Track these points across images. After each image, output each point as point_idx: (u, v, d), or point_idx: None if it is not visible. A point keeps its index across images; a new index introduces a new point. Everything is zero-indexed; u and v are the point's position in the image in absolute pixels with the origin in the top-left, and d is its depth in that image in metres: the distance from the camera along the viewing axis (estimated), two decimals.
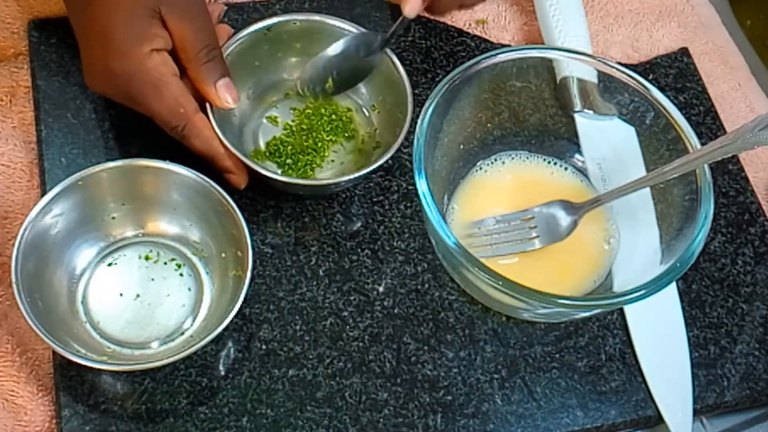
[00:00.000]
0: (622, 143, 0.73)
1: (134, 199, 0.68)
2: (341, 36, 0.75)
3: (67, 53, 0.76)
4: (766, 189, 0.81)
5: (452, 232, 0.63)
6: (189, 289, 0.68)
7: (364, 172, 0.69)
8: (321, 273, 0.71)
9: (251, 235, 0.65)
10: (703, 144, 0.66)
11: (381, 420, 0.66)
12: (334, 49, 0.75)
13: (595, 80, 0.74)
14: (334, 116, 0.76)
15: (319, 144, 0.74)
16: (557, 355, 0.70)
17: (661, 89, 0.71)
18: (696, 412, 0.69)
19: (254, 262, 0.65)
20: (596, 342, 0.71)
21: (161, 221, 0.69)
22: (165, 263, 0.68)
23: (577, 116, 0.74)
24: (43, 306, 0.63)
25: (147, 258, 0.68)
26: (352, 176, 0.69)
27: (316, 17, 0.76)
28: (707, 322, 0.73)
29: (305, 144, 0.74)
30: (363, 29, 0.75)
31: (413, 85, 0.73)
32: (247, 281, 0.64)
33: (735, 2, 0.97)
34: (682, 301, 0.73)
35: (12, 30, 0.78)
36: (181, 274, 0.68)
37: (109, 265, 0.68)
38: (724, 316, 0.73)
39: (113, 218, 0.68)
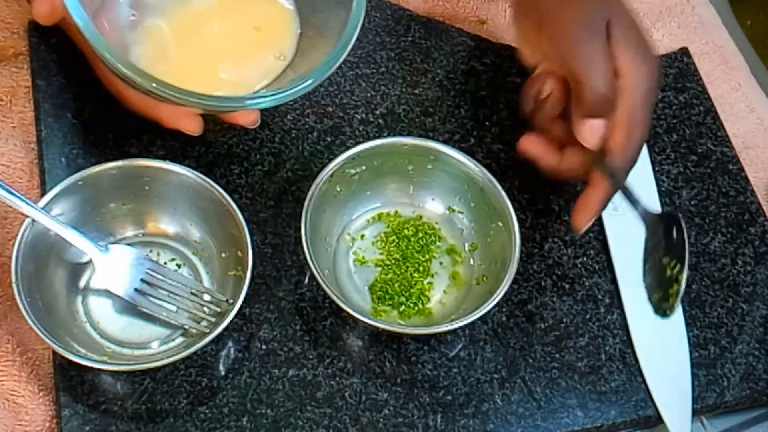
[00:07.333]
0: None
1: (134, 199, 0.68)
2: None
3: (67, 53, 0.76)
4: (766, 189, 0.81)
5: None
6: None
7: (481, 312, 0.64)
8: None
9: (251, 235, 0.65)
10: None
11: (381, 420, 0.66)
12: None
13: None
14: (420, 232, 0.72)
15: (421, 267, 0.70)
16: (557, 355, 0.70)
17: (661, 89, 0.71)
18: (696, 412, 0.69)
19: (254, 262, 0.65)
20: (596, 342, 0.71)
21: (161, 221, 0.69)
22: (165, 263, 0.68)
23: None
24: (43, 306, 0.63)
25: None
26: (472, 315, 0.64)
27: None
28: (707, 322, 0.73)
29: (407, 273, 0.70)
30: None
31: (413, 85, 0.73)
32: (247, 281, 0.64)
33: (735, 2, 0.98)
34: (682, 301, 0.73)
35: (12, 30, 0.78)
36: (182, 275, 0.68)
37: None
38: (724, 316, 0.73)
39: (113, 218, 0.68)
